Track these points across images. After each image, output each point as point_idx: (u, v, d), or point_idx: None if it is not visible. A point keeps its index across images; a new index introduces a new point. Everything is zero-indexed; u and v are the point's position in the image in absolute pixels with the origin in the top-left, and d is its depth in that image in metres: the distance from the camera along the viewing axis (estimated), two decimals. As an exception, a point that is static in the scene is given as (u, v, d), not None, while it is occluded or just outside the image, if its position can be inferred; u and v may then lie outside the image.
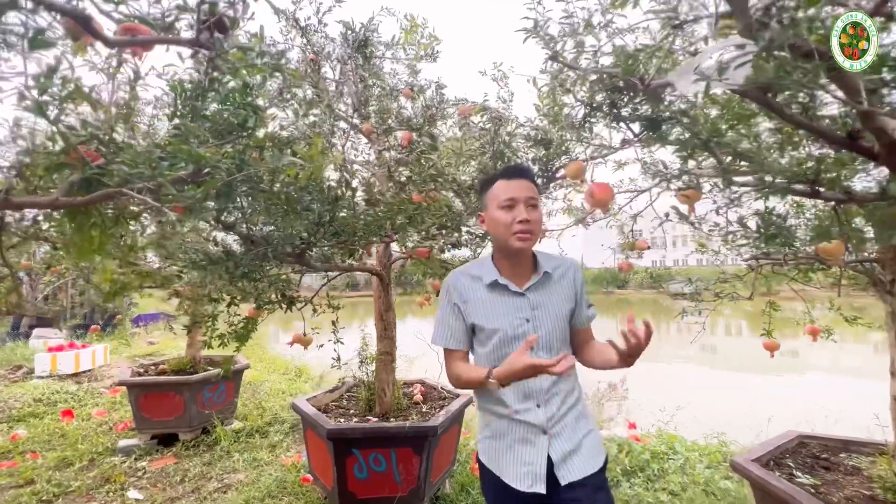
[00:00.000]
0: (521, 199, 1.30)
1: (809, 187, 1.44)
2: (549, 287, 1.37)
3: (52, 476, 3.34)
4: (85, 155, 1.05)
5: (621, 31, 1.33)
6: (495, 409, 1.35)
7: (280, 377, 6.75)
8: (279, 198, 1.50)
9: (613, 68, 1.22)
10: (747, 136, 1.50)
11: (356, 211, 1.73)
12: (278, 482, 3.18)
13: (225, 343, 2.40)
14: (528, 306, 1.34)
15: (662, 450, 3.55)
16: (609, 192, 1.40)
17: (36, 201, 0.94)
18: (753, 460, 2.00)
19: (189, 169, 1.10)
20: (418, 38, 2.49)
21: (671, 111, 1.49)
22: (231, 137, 1.36)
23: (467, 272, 1.41)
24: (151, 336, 9.57)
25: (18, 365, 6.60)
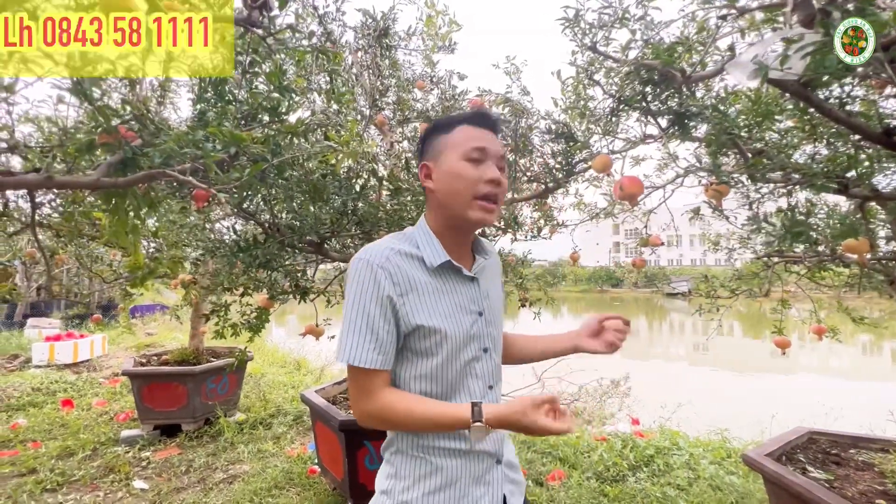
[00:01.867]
0: (493, 155, 0.94)
1: (839, 184, 1.45)
2: (489, 272, 1.07)
3: (54, 465, 3.31)
4: (124, 135, 1.03)
5: (658, 25, 1.33)
6: (447, 447, 0.94)
7: (279, 369, 6.73)
8: (306, 185, 1.48)
9: (653, 60, 1.21)
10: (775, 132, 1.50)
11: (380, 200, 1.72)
12: (285, 473, 3.18)
13: (237, 333, 2.38)
14: (479, 295, 0.99)
15: (666, 445, 3.58)
16: (639, 185, 1.41)
17: (79, 181, 0.92)
18: (766, 455, 2.02)
19: (228, 152, 1.09)
20: (437, 26, 2.46)
21: (700, 106, 1.49)
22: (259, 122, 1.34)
23: (397, 249, 0.93)
24: (148, 327, 9.50)
25: (15, 354, 6.53)
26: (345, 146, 1.21)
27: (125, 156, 1.00)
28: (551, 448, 3.58)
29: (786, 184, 1.56)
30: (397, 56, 2.77)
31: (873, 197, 1.48)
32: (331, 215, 1.59)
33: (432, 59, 2.57)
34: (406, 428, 0.92)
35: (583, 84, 1.66)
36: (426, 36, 2.52)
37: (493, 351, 1.02)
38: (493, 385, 1.02)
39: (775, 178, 1.61)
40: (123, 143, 1.02)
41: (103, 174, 0.97)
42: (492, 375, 1.01)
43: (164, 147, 0.89)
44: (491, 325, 1.01)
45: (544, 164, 2.16)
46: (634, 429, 4.01)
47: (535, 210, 2.55)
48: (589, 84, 1.63)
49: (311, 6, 2.32)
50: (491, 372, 1.01)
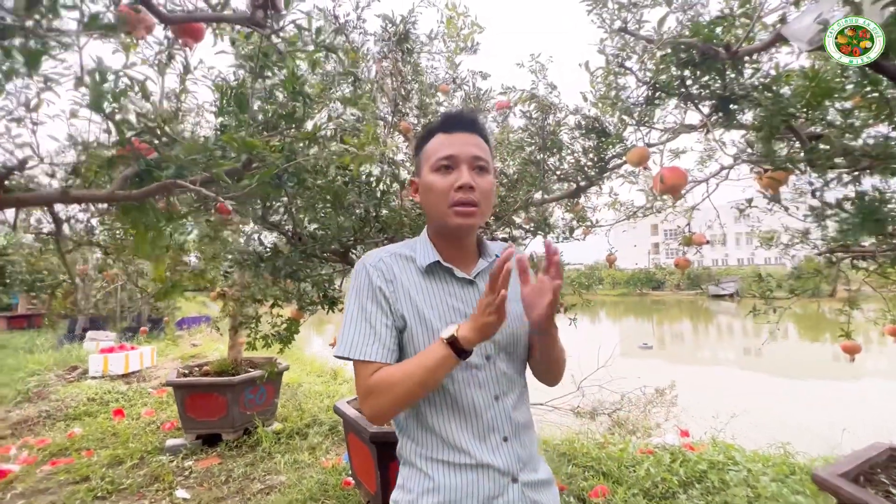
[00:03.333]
0: (464, 159, 0.93)
1: (916, 166, 1.27)
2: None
3: (105, 473, 3.44)
4: (138, 148, 1.02)
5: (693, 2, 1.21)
6: (448, 460, 0.91)
7: (316, 379, 6.82)
8: (327, 192, 1.44)
9: (691, 38, 1.10)
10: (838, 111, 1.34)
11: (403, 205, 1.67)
12: (320, 485, 3.16)
13: (268, 344, 2.39)
14: (478, 299, 0.93)
15: (720, 459, 3.32)
16: (683, 176, 1.28)
17: (94, 195, 0.91)
18: (840, 475, 1.80)
19: (241, 160, 1.06)
20: (459, 27, 2.42)
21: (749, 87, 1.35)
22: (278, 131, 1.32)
23: (392, 251, 1.00)
24: (194, 338, 9.91)
25: (74, 366, 6.94)
26: (361, 150, 1.17)
27: (140, 168, 0.99)
28: (594, 462, 3.40)
29: (853, 169, 1.39)
30: (420, 61, 2.74)
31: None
32: (353, 222, 1.56)
33: (454, 60, 2.52)
34: (408, 394, 0.86)
35: (613, 73, 1.55)
36: (448, 38, 2.47)
37: (497, 359, 0.96)
38: (501, 395, 0.95)
39: (840, 164, 1.44)
40: (138, 156, 1.01)
41: (118, 187, 0.96)
42: (496, 384, 0.95)
43: (174, 157, 0.87)
44: (500, 333, 0.93)
45: (575, 162, 2.05)
46: (684, 441, 3.75)
47: (567, 211, 2.43)
48: (620, 72, 1.52)
49: (332, 15, 2.32)
50: (494, 381, 0.95)
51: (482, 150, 0.96)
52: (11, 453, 3.86)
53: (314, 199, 1.50)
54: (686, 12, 1.16)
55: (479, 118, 1.03)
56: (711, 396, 6.57)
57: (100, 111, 0.99)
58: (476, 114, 1.04)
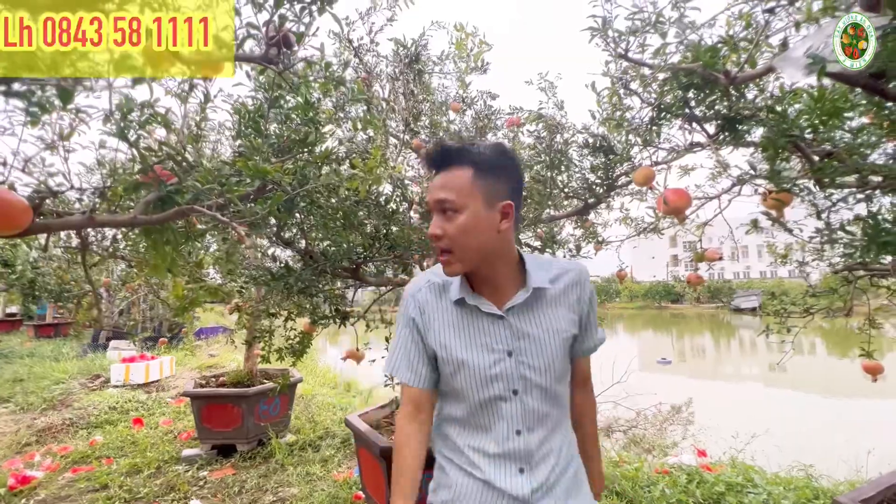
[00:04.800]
0: (432, 206, 0.93)
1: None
2: (541, 307, 0.97)
3: (123, 482, 3.52)
4: (160, 175, 1.09)
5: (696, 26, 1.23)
6: (460, 465, 0.98)
7: (330, 391, 6.87)
8: (337, 212, 1.50)
9: (692, 63, 1.12)
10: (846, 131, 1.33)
11: (411, 224, 1.71)
12: (331, 498, 3.18)
13: (282, 357, 2.44)
14: (508, 334, 0.95)
15: (739, 481, 3.22)
16: (686, 198, 1.29)
17: (116, 220, 0.97)
18: (862, 501, 1.74)
19: (255, 185, 1.11)
20: (469, 48, 2.48)
21: (753, 108, 1.36)
22: (292, 154, 1.38)
23: (432, 279, 1.02)
24: (212, 349, 10.09)
25: (97, 374, 7.14)
26: (369, 173, 1.21)
27: (161, 194, 1.05)
28: (608, 481, 3.33)
29: (863, 188, 1.38)
30: (432, 81, 2.81)
31: (977, 199, 1.26)
32: (363, 240, 1.60)
33: (465, 80, 2.58)
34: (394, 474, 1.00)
35: (618, 94, 1.57)
36: (458, 58, 2.54)
37: (525, 394, 0.95)
38: (525, 430, 0.95)
39: (849, 183, 1.43)
40: (160, 182, 1.07)
41: (140, 212, 1.02)
42: (521, 420, 0.95)
43: (191, 185, 0.92)
44: (527, 368, 0.95)
45: (583, 180, 2.07)
46: (701, 461, 3.65)
47: (576, 227, 2.44)
48: (625, 94, 1.54)
49: (346, 39, 2.41)
50: (520, 416, 0.95)
51: (449, 189, 0.90)
52: (35, 460, 3.98)
53: (325, 217, 1.56)
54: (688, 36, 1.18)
55: (453, 148, 0.93)
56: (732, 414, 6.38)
57: (125, 140, 1.06)
58: (450, 145, 0.93)
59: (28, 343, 10.91)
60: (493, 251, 0.94)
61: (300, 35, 0.93)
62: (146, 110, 1.10)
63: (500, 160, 0.93)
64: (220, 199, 1.02)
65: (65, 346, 9.91)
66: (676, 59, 1.32)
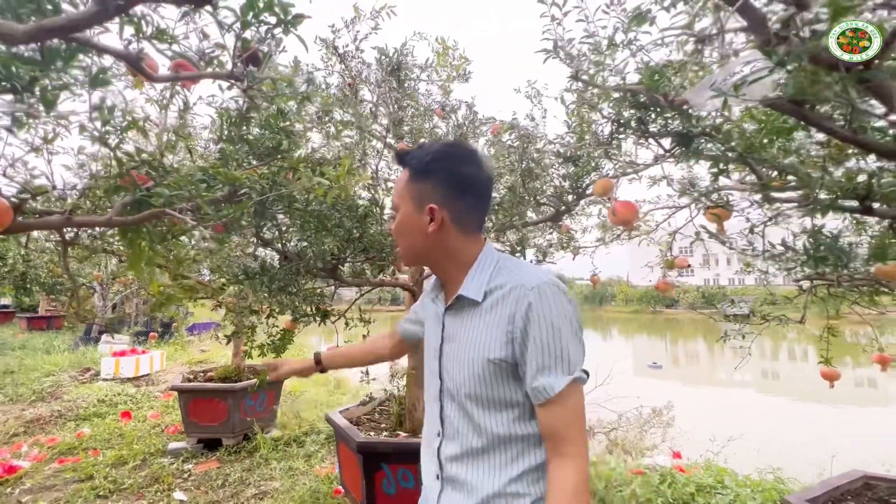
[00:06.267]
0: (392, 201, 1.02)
1: (860, 203, 1.34)
2: (471, 315, 0.91)
3: (108, 473, 3.59)
4: (137, 179, 1.16)
5: (644, 49, 1.32)
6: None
7: (320, 388, 6.93)
8: (311, 215, 1.57)
9: (637, 85, 1.20)
10: (788, 151, 1.42)
11: (384, 228, 1.79)
12: (312, 492, 3.25)
13: (264, 353, 2.51)
14: (442, 334, 0.97)
15: (710, 483, 3.31)
16: (633, 210, 1.37)
17: (93, 220, 1.05)
18: (808, 500, 1.83)
19: (225, 190, 1.19)
20: (450, 60, 2.57)
21: (702, 126, 1.44)
22: (268, 159, 1.46)
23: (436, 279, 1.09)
24: (203, 344, 10.14)
25: (87, 368, 7.19)
26: (336, 181, 1.29)
27: (136, 197, 1.13)
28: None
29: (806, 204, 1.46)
30: (418, 87, 2.90)
31: (905, 217, 1.35)
32: (336, 243, 1.68)
33: (447, 88, 2.66)
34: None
35: (584, 108, 1.66)
36: (440, 68, 2.62)
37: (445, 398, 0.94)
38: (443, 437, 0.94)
39: (794, 199, 1.51)
40: (136, 186, 1.15)
41: (116, 213, 1.09)
42: (439, 422, 0.95)
43: (162, 191, 1.00)
44: (446, 373, 0.93)
45: (555, 188, 2.15)
46: (676, 462, 3.74)
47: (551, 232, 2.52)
48: (588, 109, 1.63)
49: (332, 46, 2.49)
50: (437, 418, 0.95)
51: (395, 192, 0.99)
52: (23, 450, 4.04)
53: (301, 220, 1.63)
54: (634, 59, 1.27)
55: (401, 152, 0.99)
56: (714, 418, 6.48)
57: (105, 145, 1.14)
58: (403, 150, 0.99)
59: (20, 335, 10.93)
60: (428, 251, 0.96)
61: (266, 54, 1.00)
62: (127, 117, 1.18)
63: (431, 164, 0.92)
64: (190, 203, 1.09)
65: (57, 339, 9.95)
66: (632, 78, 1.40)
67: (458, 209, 0.94)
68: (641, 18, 0.97)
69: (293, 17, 0.96)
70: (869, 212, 1.34)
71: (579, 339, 0.85)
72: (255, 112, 1.30)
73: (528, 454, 0.86)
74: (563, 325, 0.82)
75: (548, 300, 0.82)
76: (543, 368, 0.81)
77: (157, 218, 1.08)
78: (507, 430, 0.86)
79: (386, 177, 2.67)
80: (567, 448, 0.81)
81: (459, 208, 0.94)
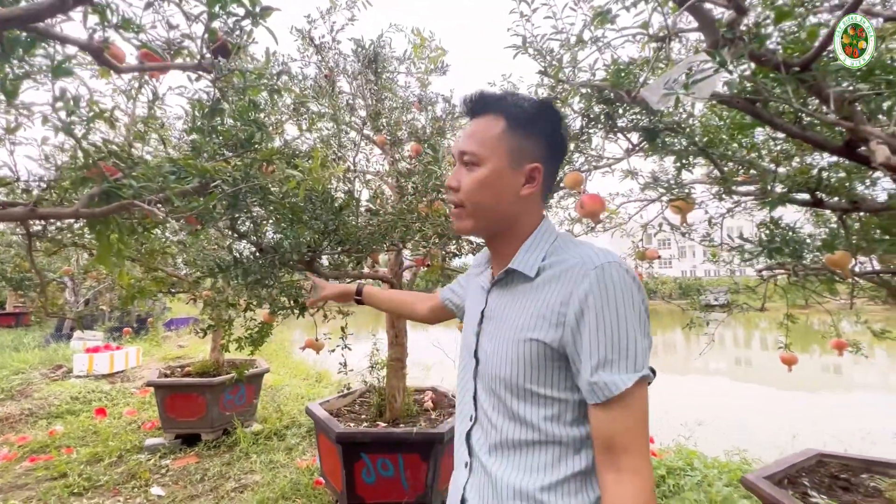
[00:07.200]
0: (456, 155, 0.86)
1: (811, 196, 1.42)
2: (517, 293, 0.81)
3: (83, 470, 3.52)
4: (104, 170, 1.15)
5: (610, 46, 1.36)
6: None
7: (301, 382, 6.90)
8: (286, 207, 1.58)
9: (603, 82, 1.24)
10: (746, 147, 1.49)
11: (359, 220, 1.80)
12: (292, 484, 3.26)
13: (241, 346, 2.50)
14: (482, 311, 0.88)
15: (680, 465, 3.45)
16: (600, 203, 1.42)
17: (59, 213, 1.04)
18: (765, 477, 1.93)
19: (195, 182, 1.19)
20: (427, 52, 2.57)
21: (665, 122, 1.50)
22: (240, 151, 1.45)
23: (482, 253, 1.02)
24: (181, 340, 9.95)
25: (59, 364, 6.99)
26: (310, 174, 1.30)
27: (104, 188, 1.12)
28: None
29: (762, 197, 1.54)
30: (396, 79, 2.89)
31: (852, 209, 1.43)
32: (311, 236, 1.68)
33: (424, 80, 2.67)
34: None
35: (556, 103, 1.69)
36: (417, 60, 2.63)
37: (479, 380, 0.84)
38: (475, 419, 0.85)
39: (751, 192, 1.59)
40: (104, 177, 1.14)
41: (83, 205, 1.08)
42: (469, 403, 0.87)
43: (131, 182, 1.00)
44: (483, 352, 0.83)
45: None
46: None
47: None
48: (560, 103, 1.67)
49: (308, 37, 2.46)
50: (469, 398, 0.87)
51: (475, 139, 0.81)
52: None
53: (275, 212, 1.63)
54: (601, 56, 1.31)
55: (489, 94, 0.84)
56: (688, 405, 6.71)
57: (71, 136, 1.12)
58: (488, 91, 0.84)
59: (-13, 332, 10.53)
60: (508, 216, 0.82)
61: (236, 45, 1.00)
62: (94, 107, 1.16)
63: (538, 115, 0.80)
64: (159, 194, 1.09)
65: (27, 336, 9.63)
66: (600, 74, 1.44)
67: (551, 173, 0.84)
68: (604, 18, 1.01)
69: (262, 10, 0.96)
70: (819, 204, 1.42)
71: (646, 333, 0.72)
72: (226, 103, 1.30)
73: (568, 460, 0.74)
74: (629, 314, 0.70)
75: (613, 283, 0.70)
76: (605, 362, 0.69)
77: (126, 210, 1.07)
78: (545, 427, 0.75)
79: (364, 168, 2.67)
80: (627, 460, 0.68)
81: (552, 172, 0.85)
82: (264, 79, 1.11)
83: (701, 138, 1.48)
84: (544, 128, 0.81)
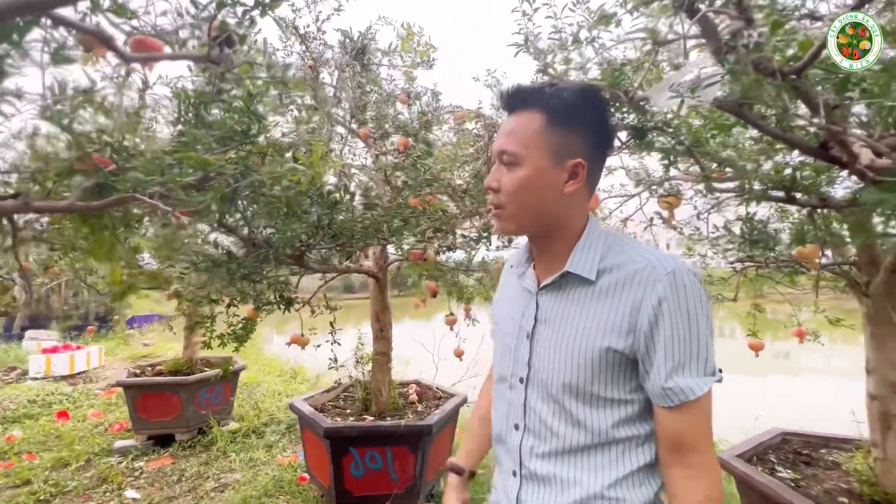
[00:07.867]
0: (495, 154, 0.82)
1: (786, 193, 1.52)
2: (578, 297, 0.78)
3: (48, 476, 3.36)
4: (98, 161, 1.10)
5: (607, 47, 1.41)
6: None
7: (276, 378, 6.77)
8: (280, 201, 1.56)
9: (599, 81, 1.29)
10: (727, 145, 1.58)
11: (354, 214, 1.79)
12: (275, 481, 3.22)
13: (224, 343, 2.44)
14: (534, 314, 0.83)
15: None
16: (594, 200, 1.47)
17: (54, 206, 0.99)
18: (737, 456, 2.07)
19: (197, 175, 1.16)
20: (414, 45, 2.56)
21: (655, 121, 1.57)
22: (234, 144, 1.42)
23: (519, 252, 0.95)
24: (146, 338, 9.54)
25: (13, 366, 6.57)
26: (310, 167, 1.29)
27: (99, 181, 1.08)
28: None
29: (740, 194, 1.64)
30: (381, 72, 2.86)
31: (821, 205, 1.55)
32: (305, 230, 1.67)
33: (411, 74, 2.66)
34: None
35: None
36: (405, 53, 2.61)
37: (531, 388, 0.81)
38: (524, 430, 0.82)
39: (732, 189, 1.68)
40: (98, 170, 1.09)
41: (77, 198, 1.04)
42: (521, 414, 0.83)
43: (131, 175, 0.96)
44: (538, 358, 0.81)
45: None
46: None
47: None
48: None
49: (293, 27, 2.41)
50: (521, 408, 0.83)
51: (513, 137, 0.78)
52: (-57, 458, 3.68)
53: (269, 206, 1.61)
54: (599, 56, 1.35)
55: (526, 88, 0.80)
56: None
57: (60, 126, 1.07)
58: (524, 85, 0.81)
59: (-75, 335, 9.74)
60: (552, 216, 0.79)
61: (243, 36, 0.98)
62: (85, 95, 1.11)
63: (579, 107, 0.76)
64: (161, 188, 1.06)
65: (-28, 338, 8.98)
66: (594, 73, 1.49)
67: (597, 169, 0.81)
68: (607, 19, 1.05)
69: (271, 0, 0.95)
70: (792, 200, 1.53)
71: (713, 335, 0.74)
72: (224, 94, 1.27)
73: (631, 455, 0.76)
74: (701, 319, 0.71)
75: (685, 289, 0.70)
76: (680, 367, 0.70)
77: (125, 203, 1.03)
78: (609, 429, 0.75)
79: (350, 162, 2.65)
80: (696, 458, 0.71)
81: (598, 168, 0.82)
82: (272, 70, 1.09)
83: (686, 137, 1.55)
84: (587, 119, 0.78)
